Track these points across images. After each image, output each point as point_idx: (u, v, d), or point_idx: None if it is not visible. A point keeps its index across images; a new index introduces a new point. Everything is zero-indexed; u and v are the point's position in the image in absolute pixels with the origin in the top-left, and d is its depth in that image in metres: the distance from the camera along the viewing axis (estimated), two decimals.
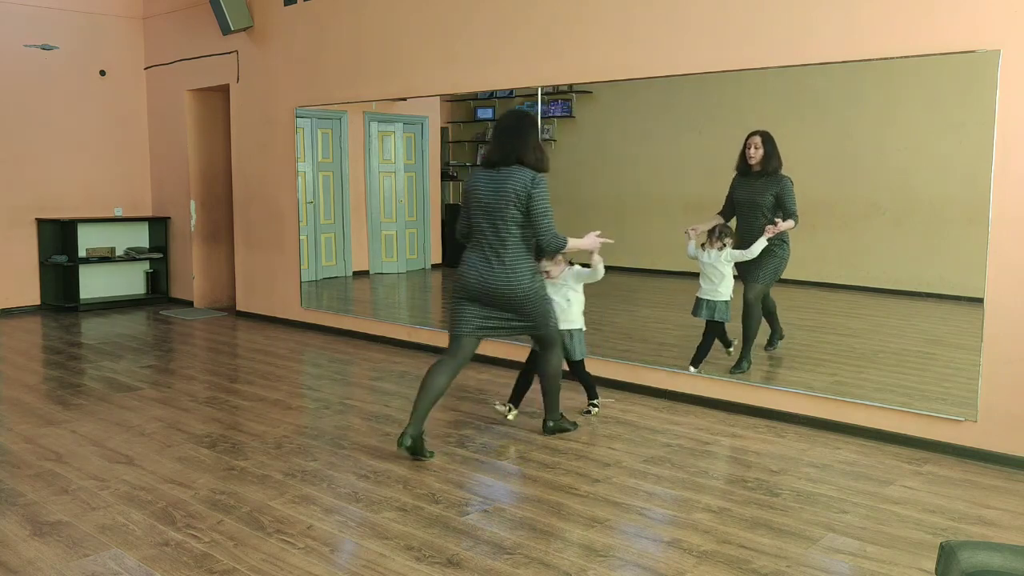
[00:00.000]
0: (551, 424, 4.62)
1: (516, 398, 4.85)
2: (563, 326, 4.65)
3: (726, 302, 5.21)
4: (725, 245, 5.18)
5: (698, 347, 5.31)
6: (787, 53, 4.75)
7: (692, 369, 5.32)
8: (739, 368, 5.25)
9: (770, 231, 5.10)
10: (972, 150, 4.27)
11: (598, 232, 4.56)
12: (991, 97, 4.10)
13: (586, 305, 4.81)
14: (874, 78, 4.76)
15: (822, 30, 4.61)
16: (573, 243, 4.41)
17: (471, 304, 4.29)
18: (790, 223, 5.08)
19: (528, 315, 4.31)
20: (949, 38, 4.21)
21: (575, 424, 4.75)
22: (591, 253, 4.60)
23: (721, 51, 5.01)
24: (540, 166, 4.24)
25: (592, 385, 5.04)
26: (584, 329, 4.84)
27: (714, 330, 5.29)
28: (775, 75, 4.84)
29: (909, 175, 4.98)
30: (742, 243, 5.20)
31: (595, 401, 5.05)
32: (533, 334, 4.45)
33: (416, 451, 4.21)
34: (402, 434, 4.18)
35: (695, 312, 5.31)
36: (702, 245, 5.27)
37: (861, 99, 5.00)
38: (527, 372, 4.81)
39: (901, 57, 4.36)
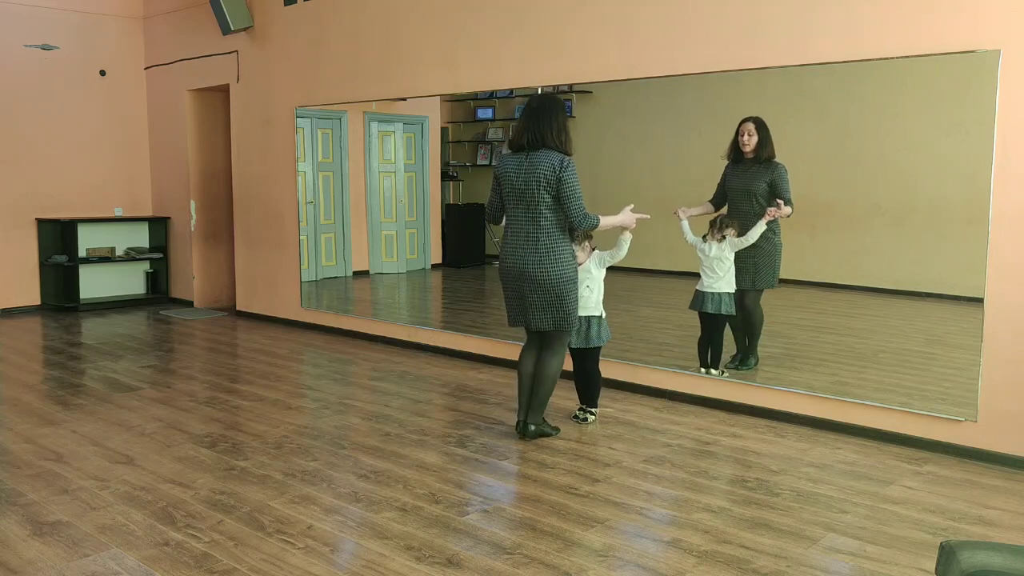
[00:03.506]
0: (532, 428, 4.49)
1: (585, 399, 4.82)
2: (582, 313, 4.58)
3: (730, 294, 5.10)
4: (726, 236, 5.07)
5: (709, 348, 5.17)
6: (787, 53, 4.74)
7: (713, 372, 5.18)
8: (746, 365, 5.22)
9: (770, 214, 4.98)
10: (972, 150, 4.27)
11: (632, 206, 4.48)
12: (991, 97, 4.10)
13: None
14: (874, 78, 4.76)
15: (822, 30, 4.61)
16: (607, 221, 4.37)
17: (514, 293, 4.36)
18: (788, 209, 4.97)
19: (552, 305, 4.29)
20: (949, 38, 4.20)
21: (558, 429, 4.62)
22: (622, 230, 4.50)
23: (721, 51, 5.00)
24: (566, 149, 4.28)
25: (597, 387, 4.84)
26: (604, 315, 4.69)
27: (719, 326, 5.14)
28: (775, 75, 4.84)
29: (909, 175, 4.98)
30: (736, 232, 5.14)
31: (593, 410, 4.84)
32: (546, 328, 4.36)
33: (541, 434, 4.48)
34: (520, 422, 4.46)
35: (695, 305, 5.18)
36: (703, 237, 5.17)
37: (861, 99, 4.99)
38: (579, 372, 4.77)
39: (901, 57, 4.36)
